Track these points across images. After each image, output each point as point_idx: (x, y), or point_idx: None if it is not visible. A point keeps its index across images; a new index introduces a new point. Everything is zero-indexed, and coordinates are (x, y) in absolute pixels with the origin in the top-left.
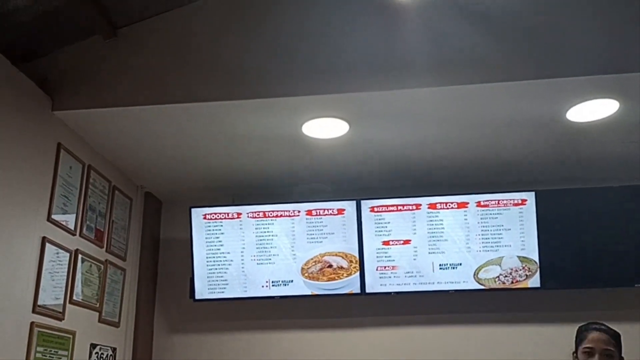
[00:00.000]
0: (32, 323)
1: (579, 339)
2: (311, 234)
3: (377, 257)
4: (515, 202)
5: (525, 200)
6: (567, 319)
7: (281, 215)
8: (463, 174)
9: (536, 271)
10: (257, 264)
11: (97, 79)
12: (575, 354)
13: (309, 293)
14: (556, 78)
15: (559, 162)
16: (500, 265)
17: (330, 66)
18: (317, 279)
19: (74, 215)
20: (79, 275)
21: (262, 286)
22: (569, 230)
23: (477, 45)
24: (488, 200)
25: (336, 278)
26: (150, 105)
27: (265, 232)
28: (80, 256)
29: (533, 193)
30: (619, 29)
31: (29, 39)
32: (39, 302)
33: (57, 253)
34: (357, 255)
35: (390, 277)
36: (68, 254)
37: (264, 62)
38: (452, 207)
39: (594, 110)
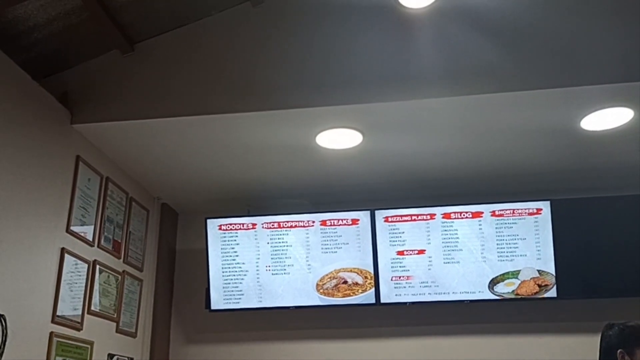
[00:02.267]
0: (51, 333)
1: None
2: (326, 244)
3: (391, 267)
4: (531, 211)
5: (541, 209)
6: (584, 328)
7: (296, 226)
8: (477, 184)
9: (553, 284)
10: (272, 274)
11: (115, 93)
12: (629, 355)
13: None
14: (570, 87)
15: (574, 171)
16: (518, 278)
17: (343, 77)
18: (332, 295)
19: (92, 226)
20: (96, 286)
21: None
22: (585, 239)
23: (490, 55)
24: (503, 210)
25: (351, 294)
26: (167, 118)
27: (280, 242)
28: (98, 267)
29: (548, 202)
30: (633, 37)
31: (49, 55)
32: (58, 313)
33: (76, 264)
34: (372, 270)
35: (405, 287)
36: (86, 265)
37: (278, 74)
38: (466, 217)
39: (608, 118)
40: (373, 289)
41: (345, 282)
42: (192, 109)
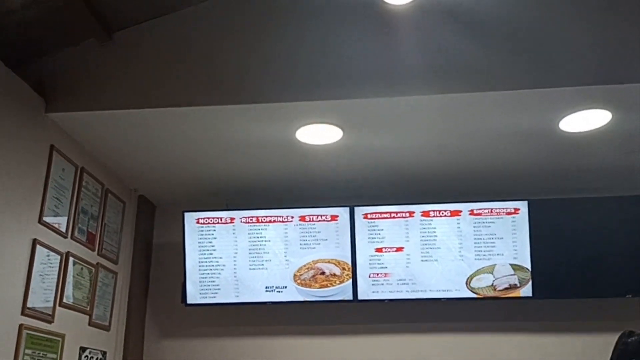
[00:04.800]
0: (20, 325)
1: None
2: (304, 240)
3: (369, 264)
4: (508, 211)
5: (519, 209)
6: (558, 328)
7: (274, 221)
8: (456, 182)
9: (529, 279)
10: (250, 269)
11: (91, 82)
12: None
13: (302, 299)
14: (549, 88)
15: (552, 172)
16: (492, 274)
17: (324, 72)
18: (310, 286)
19: (66, 217)
20: (69, 278)
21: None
22: (561, 240)
23: (471, 55)
24: (481, 209)
25: (328, 285)
26: (144, 109)
27: (258, 237)
28: (71, 259)
29: (526, 202)
30: (611, 40)
31: (24, 42)
32: (29, 305)
33: (48, 255)
34: (349, 262)
35: (382, 284)
36: (59, 257)
37: (259, 68)
38: (445, 215)
39: (586, 120)
40: (350, 280)
41: (323, 272)
42: (170, 100)
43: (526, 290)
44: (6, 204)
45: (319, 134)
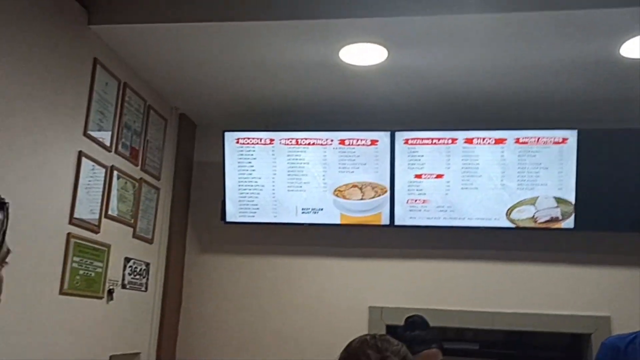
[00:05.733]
0: (68, 234)
1: None
2: (343, 164)
3: (408, 190)
4: (556, 140)
5: (567, 139)
6: (598, 261)
7: (314, 144)
8: (503, 108)
9: (571, 212)
10: (288, 190)
11: None
12: None
13: (338, 221)
14: (611, 8)
15: (606, 101)
16: (534, 205)
17: None
18: (346, 198)
19: (110, 132)
20: (114, 191)
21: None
22: (609, 171)
23: None
24: (527, 138)
25: (365, 198)
26: (187, 23)
27: (297, 159)
28: (115, 172)
29: (576, 132)
30: None
31: None
32: (75, 215)
33: (93, 168)
34: (388, 186)
35: (420, 210)
36: (104, 170)
37: None
38: (489, 143)
39: None
40: (388, 194)
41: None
42: (214, 14)
43: (568, 223)
44: (52, 116)
45: (363, 54)
